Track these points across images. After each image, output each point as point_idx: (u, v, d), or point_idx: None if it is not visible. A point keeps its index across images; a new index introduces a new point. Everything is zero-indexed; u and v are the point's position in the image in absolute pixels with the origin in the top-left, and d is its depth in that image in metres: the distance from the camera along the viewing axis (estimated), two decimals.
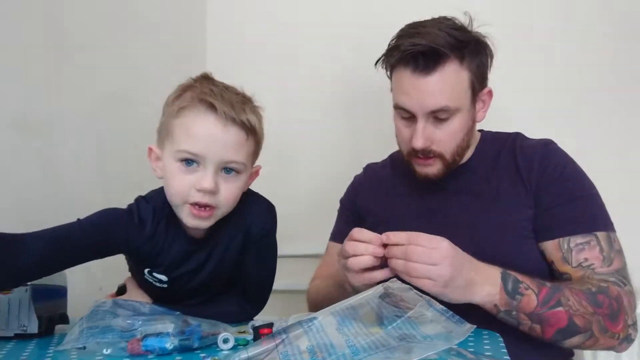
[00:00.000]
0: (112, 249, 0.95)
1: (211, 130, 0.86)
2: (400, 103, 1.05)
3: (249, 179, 0.97)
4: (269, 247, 1.02)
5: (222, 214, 0.93)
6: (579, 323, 0.90)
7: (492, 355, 0.72)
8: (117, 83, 1.46)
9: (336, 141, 1.71)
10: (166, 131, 0.91)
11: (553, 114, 1.54)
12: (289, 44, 1.76)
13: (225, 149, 0.87)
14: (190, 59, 1.82)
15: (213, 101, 0.87)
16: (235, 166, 0.90)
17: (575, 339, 0.91)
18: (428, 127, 1.03)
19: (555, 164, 1.04)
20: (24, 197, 1.18)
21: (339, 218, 1.27)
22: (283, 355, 0.63)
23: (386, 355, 0.60)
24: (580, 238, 0.98)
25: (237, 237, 0.99)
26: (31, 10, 1.21)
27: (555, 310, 0.90)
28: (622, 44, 1.52)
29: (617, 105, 1.52)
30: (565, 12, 1.56)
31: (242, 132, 0.89)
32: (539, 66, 1.57)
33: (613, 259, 0.97)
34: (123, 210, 0.96)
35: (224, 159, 0.88)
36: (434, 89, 1.01)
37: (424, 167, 1.07)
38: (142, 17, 1.58)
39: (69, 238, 0.89)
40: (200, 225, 0.91)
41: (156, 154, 0.94)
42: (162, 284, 0.99)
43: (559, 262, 0.99)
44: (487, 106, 1.11)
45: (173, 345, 0.75)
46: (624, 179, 1.47)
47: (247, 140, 0.90)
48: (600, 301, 0.91)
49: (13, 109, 1.17)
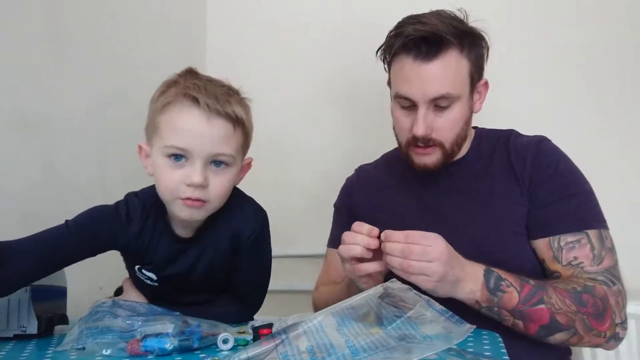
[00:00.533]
0: (102, 246, 0.95)
1: (196, 124, 0.86)
2: (402, 91, 1.04)
3: (240, 172, 0.97)
4: (261, 252, 1.01)
5: (214, 208, 0.93)
6: (562, 321, 0.91)
7: (492, 355, 0.72)
8: (117, 83, 1.47)
9: (334, 140, 1.71)
10: (153, 127, 0.91)
11: (553, 113, 1.54)
12: (289, 44, 1.76)
13: (211, 142, 0.87)
14: (190, 58, 1.82)
15: (197, 95, 0.87)
16: (224, 159, 0.90)
17: (559, 335, 0.92)
18: (429, 114, 1.03)
19: (549, 160, 1.04)
20: (24, 197, 1.18)
21: (334, 223, 1.26)
22: (283, 356, 0.63)
23: (386, 356, 0.60)
24: (571, 236, 0.99)
25: (224, 242, 0.98)
26: (31, 10, 1.21)
27: (537, 307, 0.91)
28: (623, 43, 1.52)
29: (617, 105, 1.52)
30: (565, 11, 1.56)
31: (228, 124, 0.89)
32: (539, 66, 1.57)
33: (603, 257, 0.98)
34: (110, 207, 0.96)
35: (212, 152, 0.88)
36: (436, 76, 1.01)
37: (422, 156, 1.07)
38: (142, 17, 1.58)
39: (57, 240, 0.90)
40: (194, 216, 0.91)
41: (145, 151, 0.94)
42: (153, 282, 0.99)
43: (550, 260, 1.00)
44: (484, 97, 1.12)
45: (173, 345, 0.75)
46: (624, 178, 1.47)
47: (234, 132, 0.90)
48: (584, 300, 0.92)
49: (13, 109, 1.17)
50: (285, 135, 1.73)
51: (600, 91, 1.53)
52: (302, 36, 1.74)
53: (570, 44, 1.55)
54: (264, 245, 1.02)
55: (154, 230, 0.96)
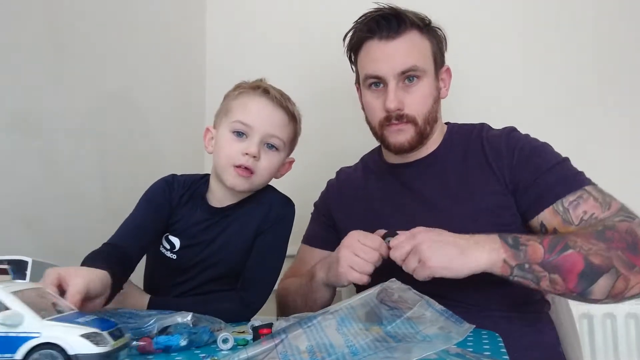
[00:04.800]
0: (167, 213, 1.09)
1: (263, 107, 1.05)
2: (370, 71, 1.09)
3: (282, 167, 1.11)
4: (280, 235, 1.09)
5: (257, 185, 1.07)
6: (597, 262, 0.86)
7: (492, 355, 0.72)
8: (117, 83, 1.47)
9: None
10: (225, 111, 1.08)
11: (553, 113, 1.54)
12: (289, 44, 1.76)
13: (271, 124, 1.05)
14: (190, 59, 1.82)
15: (267, 87, 1.07)
16: (276, 142, 1.06)
17: (602, 281, 0.86)
18: (399, 90, 1.07)
19: (521, 145, 1.07)
20: (24, 197, 1.18)
21: (312, 221, 1.29)
22: (282, 356, 0.63)
23: (385, 355, 0.60)
24: (571, 196, 0.99)
25: (254, 218, 1.08)
26: (31, 10, 1.21)
27: (566, 253, 0.87)
28: (622, 42, 1.52)
29: (618, 103, 1.52)
30: (565, 10, 1.56)
31: (286, 116, 1.07)
32: (540, 65, 1.57)
33: (610, 203, 0.98)
34: (161, 180, 1.13)
35: (269, 132, 1.04)
36: (402, 50, 1.07)
37: (397, 134, 1.09)
38: (142, 17, 1.58)
39: (141, 221, 1.06)
40: (239, 185, 1.04)
41: (211, 133, 1.11)
42: (173, 254, 1.08)
43: (561, 226, 0.99)
44: (448, 85, 1.17)
45: (185, 341, 0.75)
46: (624, 178, 1.47)
47: (289, 124, 1.08)
48: (609, 236, 0.89)
49: (13, 109, 1.17)
50: None
51: (603, 91, 1.53)
52: (303, 36, 1.74)
53: (570, 44, 1.55)
54: (285, 229, 1.10)
55: (192, 200, 1.10)
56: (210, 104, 1.80)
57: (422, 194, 1.11)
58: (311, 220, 1.29)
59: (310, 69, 1.73)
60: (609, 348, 1.41)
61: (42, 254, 1.07)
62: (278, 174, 1.11)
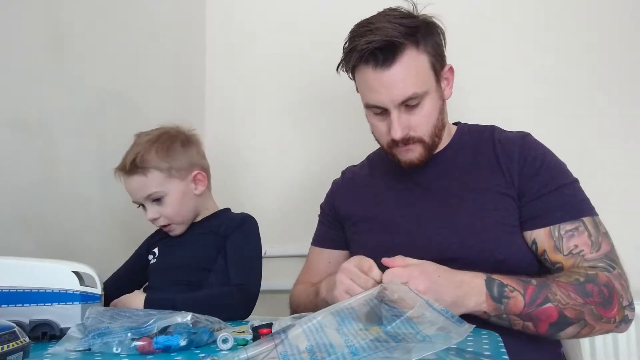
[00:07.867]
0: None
1: (127, 183, 1.19)
2: (371, 101, 1.07)
3: (194, 184, 1.20)
4: (246, 233, 1.16)
5: (185, 218, 1.20)
6: (570, 315, 0.91)
7: (491, 355, 0.72)
8: (117, 83, 1.47)
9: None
10: None
11: (553, 113, 1.54)
12: (289, 44, 1.76)
13: (135, 192, 1.18)
14: (190, 59, 1.82)
15: (123, 163, 1.19)
16: (155, 195, 1.17)
17: (570, 329, 0.92)
18: (402, 116, 1.05)
19: (535, 154, 1.06)
20: (24, 197, 1.18)
21: (320, 223, 1.28)
22: (282, 356, 0.63)
23: (385, 355, 0.60)
24: (569, 225, 1.00)
25: (212, 226, 1.18)
26: (31, 10, 1.21)
27: (544, 307, 0.91)
28: (622, 41, 1.52)
29: (617, 103, 1.52)
30: (565, 11, 1.56)
31: (141, 176, 1.16)
32: (540, 65, 1.57)
33: (601, 243, 0.99)
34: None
35: (139, 199, 1.19)
36: (399, 80, 1.03)
37: (406, 153, 1.09)
38: (141, 17, 1.58)
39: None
40: (174, 234, 1.21)
41: None
42: (154, 258, 1.21)
43: (551, 250, 1.00)
44: (452, 83, 1.13)
45: (185, 341, 0.75)
46: (624, 178, 1.47)
47: (148, 176, 1.16)
48: (589, 291, 0.92)
49: (13, 109, 1.17)
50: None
51: (602, 91, 1.52)
52: (302, 36, 1.74)
53: (570, 44, 1.55)
54: (250, 228, 1.17)
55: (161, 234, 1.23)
56: (210, 105, 1.80)
57: (429, 190, 1.10)
58: (318, 222, 1.29)
59: (311, 69, 1.73)
60: (608, 349, 1.40)
61: (42, 254, 1.08)
62: (196, 192, 1.19)
